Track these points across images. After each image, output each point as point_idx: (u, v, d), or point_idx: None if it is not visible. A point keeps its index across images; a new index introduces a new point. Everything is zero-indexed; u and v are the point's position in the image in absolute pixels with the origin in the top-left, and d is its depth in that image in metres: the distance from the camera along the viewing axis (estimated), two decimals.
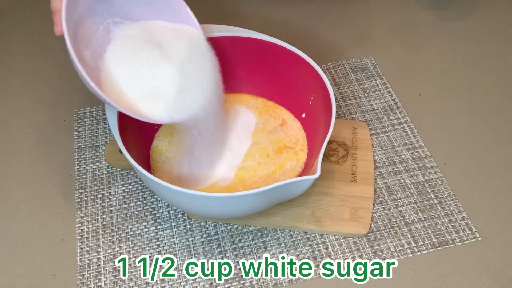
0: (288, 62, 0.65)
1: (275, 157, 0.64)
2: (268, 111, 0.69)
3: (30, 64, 0.81)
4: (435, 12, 0.89)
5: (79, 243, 0.60)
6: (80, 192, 0.65)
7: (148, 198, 0.64)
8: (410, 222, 0.61)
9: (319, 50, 0.82)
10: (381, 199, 0.64)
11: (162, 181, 0.51)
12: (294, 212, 0.61)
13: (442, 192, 0.64)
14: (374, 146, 0.69)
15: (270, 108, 0.69)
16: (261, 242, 0.60)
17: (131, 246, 0.60)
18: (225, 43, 0.66)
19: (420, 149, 0.69)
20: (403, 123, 0.72)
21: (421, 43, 0.83)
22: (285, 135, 0.66)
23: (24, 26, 0.88)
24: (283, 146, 0.65)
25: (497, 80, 0.77)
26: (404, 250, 0.59)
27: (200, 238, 0.61)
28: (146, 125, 0.65)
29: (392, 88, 0.76)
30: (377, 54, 0.81)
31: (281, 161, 0.64)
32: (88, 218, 0.63)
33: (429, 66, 0.80)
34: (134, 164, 0.53)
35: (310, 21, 0.87)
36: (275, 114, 0.68)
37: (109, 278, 0.58)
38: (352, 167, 0.65)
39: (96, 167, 0.67)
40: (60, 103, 0.76)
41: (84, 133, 0.71)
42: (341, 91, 0.76)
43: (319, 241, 0.60)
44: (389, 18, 0.88)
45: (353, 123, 0.70)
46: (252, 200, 0.52)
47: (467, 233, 0.60)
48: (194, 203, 0.53)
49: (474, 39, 0.84)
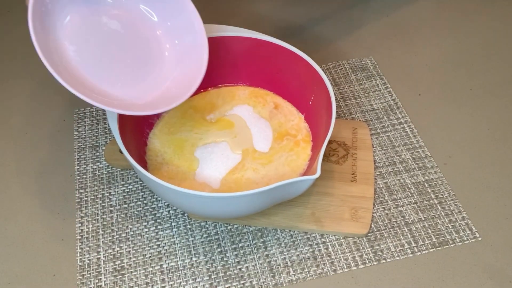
0: (288, 62, 0.65)
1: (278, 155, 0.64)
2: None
3: (29, 64, 0.82)
4: (435, 12, 0.89)
5: (79, 243, 0.61)
6: (80, 192, 0.65)
7: (148, 198, 0.64)
8: (410, 222, 0.61)
9: (319, 50, 0.82)
10: (381, 199, 0.64)
11: (162, 181, 0.51)
12: (294, 212, 0.61)
13: (442, 192, 0.64)
14: (374, 146, 0.69)
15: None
16: (261, 242, 0.60)
17: (131, 246, 0.60)
18: (225, 43, 0.66)
19: (420, 149, 0.69)
20: (403, 123, 0.72)
21: (421, 43, 0.83)
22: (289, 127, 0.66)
23: (24, 26, 0.88)
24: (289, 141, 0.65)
25: (497, 81, 0.78)
26: (404, 250, 0.59)
27: (200, 238, 0.61)
28: (144, 125, 0.66)
29: (392, 88, 0.76)
30: (377, 54, 0.81)
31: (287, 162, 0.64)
32: (88, 218, 0.63)
33: (429, 66, 0.80)
34: (134, 164, 0.53)
35: (311, 21, 0.87)
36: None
37: (109, 278, 0.58)
38: (352, 167, 0.65)
39: (96, 167, 0.68)
40: (60, 103, 0.76)
41: (84, 133, 0.71)
42: (341, 91, 0.76)
43: (319, 241, 0.60)
44: (389, 18, 0.88)
45: (353, 123, 0.71)
46: (252, 200, 0.52)
47: (467, 233, 0.60)
48: (194, 203, 0.53)
49: (474, 40, 0.84)
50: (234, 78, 0.71)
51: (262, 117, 0.67)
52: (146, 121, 0.66)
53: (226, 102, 0.69)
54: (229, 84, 0.71)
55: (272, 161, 0.63)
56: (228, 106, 0.69)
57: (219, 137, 0.65)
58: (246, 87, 0.71)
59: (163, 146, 0.65)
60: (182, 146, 0.65)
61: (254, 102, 0.69)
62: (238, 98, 0.69)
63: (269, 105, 0.68)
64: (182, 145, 0.65)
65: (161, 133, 0.66)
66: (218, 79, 0.70)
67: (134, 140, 0.62)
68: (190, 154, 0.64)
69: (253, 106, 0.68)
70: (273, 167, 0.62)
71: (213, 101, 0.69)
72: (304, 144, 0.64)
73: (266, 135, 0.65)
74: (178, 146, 0.65)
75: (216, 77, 0.69)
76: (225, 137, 0.65)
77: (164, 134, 0.66)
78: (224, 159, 0.63)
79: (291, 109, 0.68)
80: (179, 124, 0.67)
